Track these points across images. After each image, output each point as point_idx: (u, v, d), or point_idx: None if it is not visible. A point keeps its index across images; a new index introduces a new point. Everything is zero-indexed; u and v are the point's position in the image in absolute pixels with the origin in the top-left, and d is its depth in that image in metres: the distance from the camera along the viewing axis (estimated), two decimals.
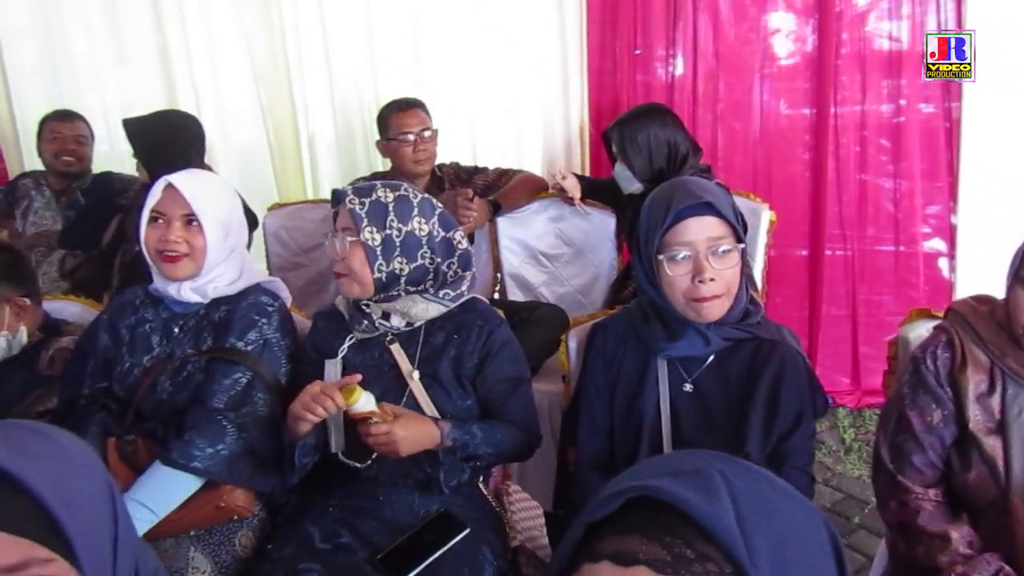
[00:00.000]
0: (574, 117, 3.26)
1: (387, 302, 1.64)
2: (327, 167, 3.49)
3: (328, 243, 1.66)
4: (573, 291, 2.96)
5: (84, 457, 0.76)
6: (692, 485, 0.59)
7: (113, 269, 2.86)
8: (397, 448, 1.47)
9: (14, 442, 0.70)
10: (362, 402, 1.47)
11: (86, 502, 0.71)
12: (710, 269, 1.46)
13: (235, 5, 3.36)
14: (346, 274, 1.61)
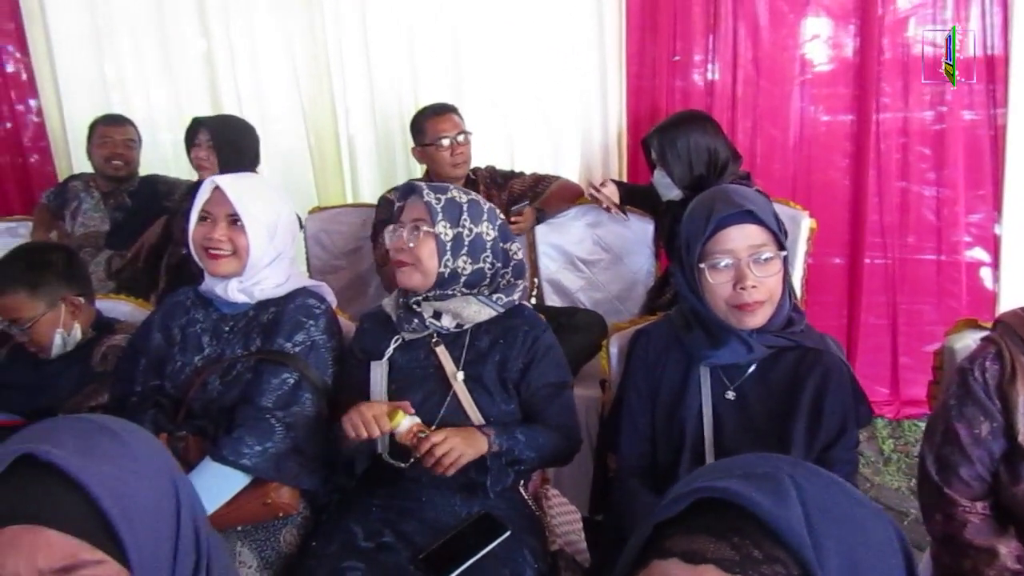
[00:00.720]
0: (612, 123, 3.27)
1: (440, 300, 1.67)
2: (366, 171, 3.52)
3: (390, 233, 1.68)
4: (610, 297, 2.96)
5: (151, 458, 0.77)
6: (762, 487, 0.60)
7: (160, 270, 2.92)
8: (462, 453, 1.50)
9: (82, 441, 0.72)
10: (405, 424, 1.51)
11: (145, 503, 0.73)
12: (752, 276, 1.46)
13: (278, 11, 3.41)
14: (411, 263, 1.64)
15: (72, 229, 3.17)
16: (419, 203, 1.64)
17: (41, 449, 0.68)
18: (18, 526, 0.66)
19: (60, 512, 0.68)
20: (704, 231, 1.48)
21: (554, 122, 3.34)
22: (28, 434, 0.73)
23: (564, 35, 3.24)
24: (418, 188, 1.66)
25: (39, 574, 0.67)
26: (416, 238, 1.62)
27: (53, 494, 0.68)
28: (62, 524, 0.68)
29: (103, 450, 0.73)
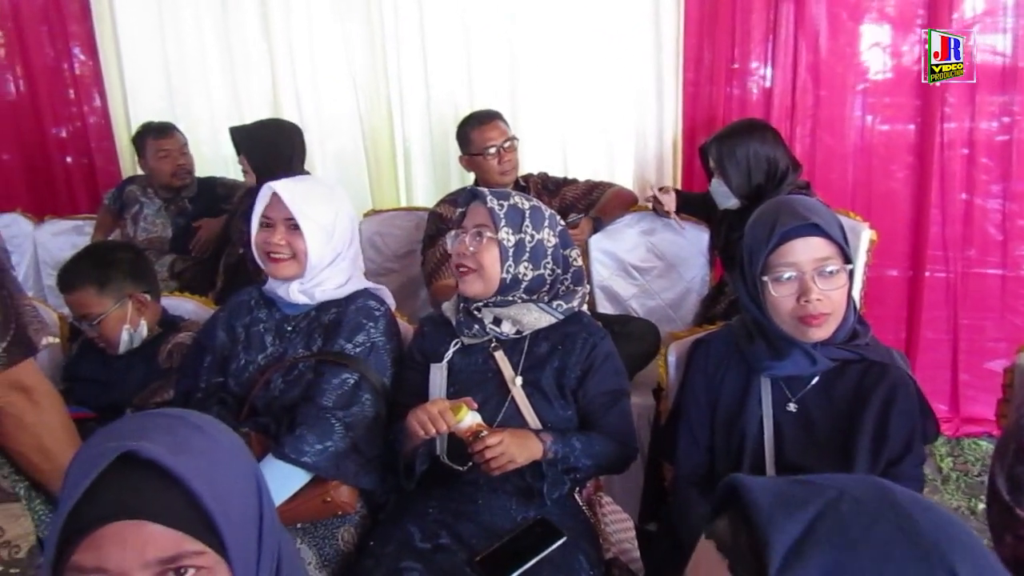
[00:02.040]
0: (667, 130, 3.25)
1: (501, 307, 1.67)
2: (421, 175, 3.56)
3: (452, 239, 1.70)
4: (663, 305, 2.94)
5: (236, 451, 0.80)
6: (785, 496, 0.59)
7: (218, 270, 2.98)
8: (513, 457, 1.50)
9: (175, 437, 0.74)
10: (468, 419, 1.51)
11: (236, 496, 0.75)
12: (816, 290, 1.45)
13: (338, 14, 3.46)
14: (474, 270, 1.65)
15: (135, 234, 3.24)
16: (482, 209, 1.65)
17: (142, 446, 0.70)
18: (123, 521, 0.69)
19: (162, 507, 0.70)
20: (768, 243, 1.46)
21: (609, 129, 3.34)
22: (119, 431, 0.75)
23: (621, 41, 3.24)
24: (481, 194, 1.67)
25: (145, 566, 0.69)
26: (479, 244, 1.63)
27: (155, 490, 0.70)
28: (165, 518, 0.70)
29: (194, 445, 0.75)
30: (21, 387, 1.15)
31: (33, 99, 3.86)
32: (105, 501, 0.69)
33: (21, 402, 1.16)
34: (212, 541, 0.72)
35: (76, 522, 0.69)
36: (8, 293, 1.11)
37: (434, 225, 2.88)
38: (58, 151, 3.91)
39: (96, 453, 0.71)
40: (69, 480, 0.72)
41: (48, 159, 3.91)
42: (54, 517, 0.69)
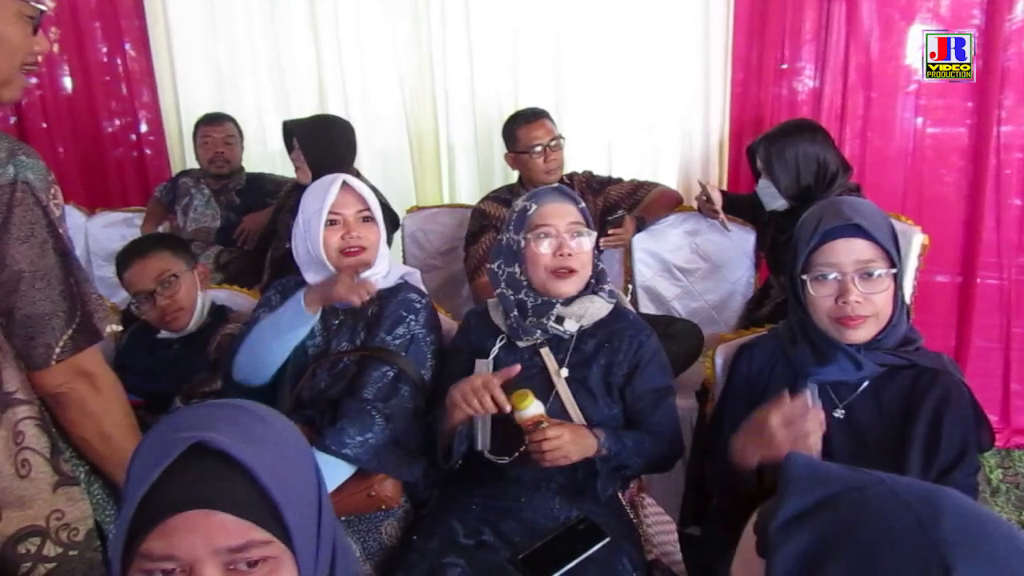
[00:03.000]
0: (714, 130, 3.21)
1: (567, 304, 1.68)
2: (464, 173, 3.57)
3: (544, 241, 1.67)
4: (707, 307, 2.92)
5: (297, 442, 0.81)
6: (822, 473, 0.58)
7: (264, 264, 3.02)
8: (568, 452, 1.49)
9: (241, 428, 0.75)
10: (533, 408, 1.50)
11: (299, 487, 0.76)
12: (856, 291, 1.43)
13: (385, 13, 3.49)
14: (577, 271, 1.66)
15: (184, 224, 3.31)
16: (573, 208, 1.67)
17: (213, 437, 0.71)
18: (195, 511, 0.70)
19: (232, 497, 0.71)
20: (810, 241, 1.46)
21: (654, 128, 3.32)
22: (185, 421, 0.76)
23: (669, 40, 3.22)
24: (567, 191, 1.69)
25: (215, 554, 0.70)
26: (581, 244, 1.65)
27: (225, 480, 0.71)
28: (234, 508, 0.71)
29: (259, 436, 0.76)
30: (85, 374, 1.17)
31: (87, 94, 3.95)
32: (176, 490, 0.71)
33: (85, 388, 1.18)
34: (278, 531, 0.73)
35: (146, 510, 0.70)
36: (75, 281, 1.14)
37: (478, 222, 2.89)
38: (110, 145, 4.00)
39: (165, 442, 0.73)
40: (136, 468, 0.74)
41: (100, 153, 4.00)
42: (124, 504, 0.70)
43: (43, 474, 1.19)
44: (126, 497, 0.73)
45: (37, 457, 1.19)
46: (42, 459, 1.19)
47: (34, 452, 1.19)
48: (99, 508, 1.28)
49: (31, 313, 1.11)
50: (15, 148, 1.10)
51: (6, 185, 1.08)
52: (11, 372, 1.14)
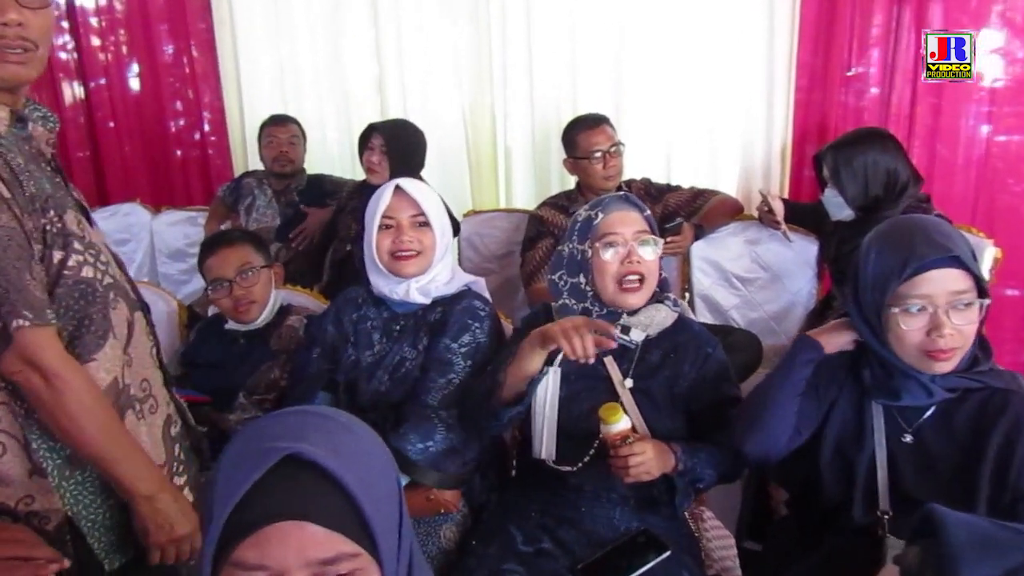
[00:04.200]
0: (776, 138, 3.17)
1: (633, 313, 1.66)
2: (521, 178, 3.57)
3: (612, 250, 1.64)
4: (766, 317, 2.87)
5: (382, 454, 0.81)
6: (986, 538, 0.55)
7: (324, 265, 3.06)
8: (651, 468, 1.47)
9: (330, 439, 0.75)
10: (623, 422, 1.48)
11: (384, 499, 0.76)
12: (949, 324, 1.35)
13: (446, 17, 3.52)
14: (647, 278, 1.65)
15: (246, 223, 3.38)
16: (638, 216, 1.66)
17: (306, 449, 0.72)
18: (288, 522, 0.71)
19: (324, 509, 0.72)
20: (901, 273, 1.37)
21: (715, 135, 3.28)
22: (273, 429, 0.77)
23: (731, 46, 3.18)
24: (633, 199, 1.68)
25: (306, 565, 0.71)
26: (649, 252, 1.64)
27: (317, 492, 0.72)
28: (326, 520, 0.71)
29: (348, 447, 0.76)
30: (36, 366, 1.18)
31: (154, 94, 4.06)
32: (270, 501, 0.71)
33: (37, 380, 1.18)
34: (366, 543, 0.73)
35: (239, 518, 0.71)
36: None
37: (535, 228, 2.89)
38: (175, 145, 4.10)
39: (256, 451, 0.73)
40: (226, 474, 0.74)
41: (166, 152, 4.10)
42: (217, 511, 0.71)
43: (18, 458, 1.23)
44: (213, 501, 0.74)
45: (12, 441, 1.23)
46: (17, 444, 1.23)
47: (9, 436, 1.23)
48: (78, 503, 1.29)
49: None
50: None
51: None
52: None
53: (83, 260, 1.27)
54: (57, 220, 1.25)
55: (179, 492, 1.37)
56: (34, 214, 1.21)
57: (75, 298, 1.25)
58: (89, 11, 3.97)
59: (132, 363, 1.36)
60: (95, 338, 1.27)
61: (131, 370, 1.35)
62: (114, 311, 1.31)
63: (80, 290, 1.26)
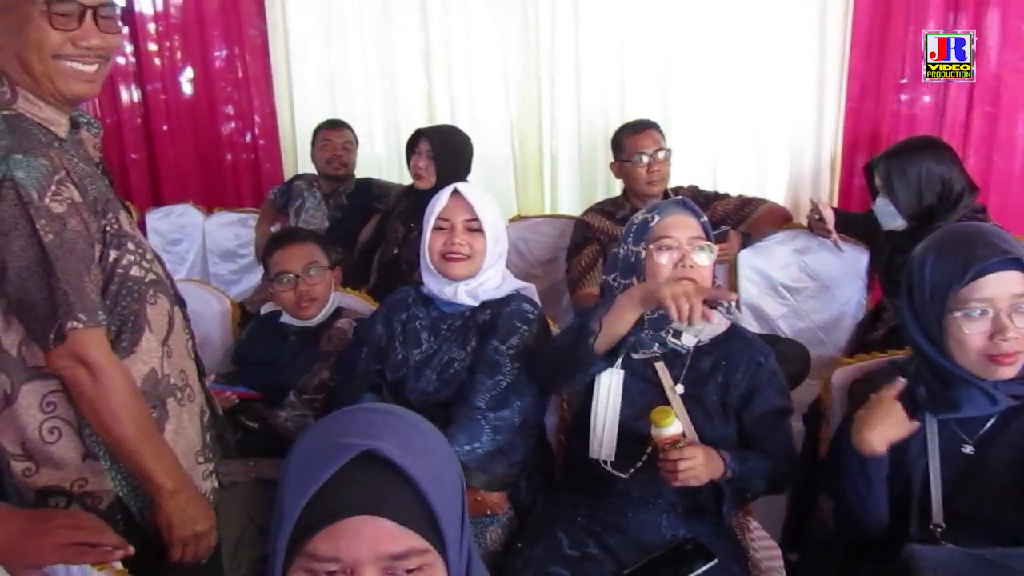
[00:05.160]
0: (826, 146, 3.13)
1: None
2: (566, 184, 3.58)
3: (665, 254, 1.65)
4: (814, 327, 2.83)
5: (447, 452, 0.84)
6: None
7: (372, 267, 3.10)
8: (699, 474, 1.48)
9: (401, 437, 0.77)
10: (675, 426, 1.49)
11: (451, 496, 0.78)
12: (1012, 327, 1.34)
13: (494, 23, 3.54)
14: (699, 284, 1.63)
15: (295, 225, 3.43)
16: (694, 222, 1.66)
17: (381, 446, 0.74)
18: (361, 516, 0.73)
19: (397, 505, 0.74)
20: (962, 277, 1.36)
21: (763, 143, 3.25)
22: (345, 426, 0.79)
23: (781, 53, 3.15)
24: (690, 204, 1.68)
25: (377, 559, 0.73)
26: (703, 259, 1.64)
27: (391, 488, 0.74)
28: (398, 516, 0.74)
29: (417, 444, 0.78)
30: (85, 362, 1.24)
31: (208, 98, 4.15)
32: (345, 495, 0.73)
33: (84, 376, 1.24)
34: (434, 539, 0.75)
35: (314, 511, 0.73)
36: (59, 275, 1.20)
37: (581, 234, 2.90)
38: (227, 148, 4.19)
39: (330, 446, 0.75)
40: (298, 468, 0.77)
41: (218, 155, 4.20)
42: (291, 503, 0.74)
43: (72, 443, 1.31)
44: (285, 494, 0.76)
45: (67, 427, 1.31)
46: (71, 429, 1.31)
47: (64, 422, 1.30)
48: (128, 484, 1.36)
49: (22, 300, 1.21)
50: (15, 147, 1.18)
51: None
52: (37, 348, 1.25)
53: (133, 260, 1.35)
54: (114, 221, 1.33)
55: (198, 490, 1.43)
56: (96, 216, 1.29)
57: (123, 295, 1.33)
58: (147, 17, 4.08)
59: (172, 354, 1.43)
60: (136, 332, 1.35)
61: (170, 361, 1.42)
62: (154, 306, 1.39)
63: (128, 288, 1.34)
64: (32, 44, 1.22)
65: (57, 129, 1.29)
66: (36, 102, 1.26)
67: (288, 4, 3.82)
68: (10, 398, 1.27)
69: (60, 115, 1.30)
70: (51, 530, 1.11)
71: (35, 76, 1.25)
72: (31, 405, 1.28)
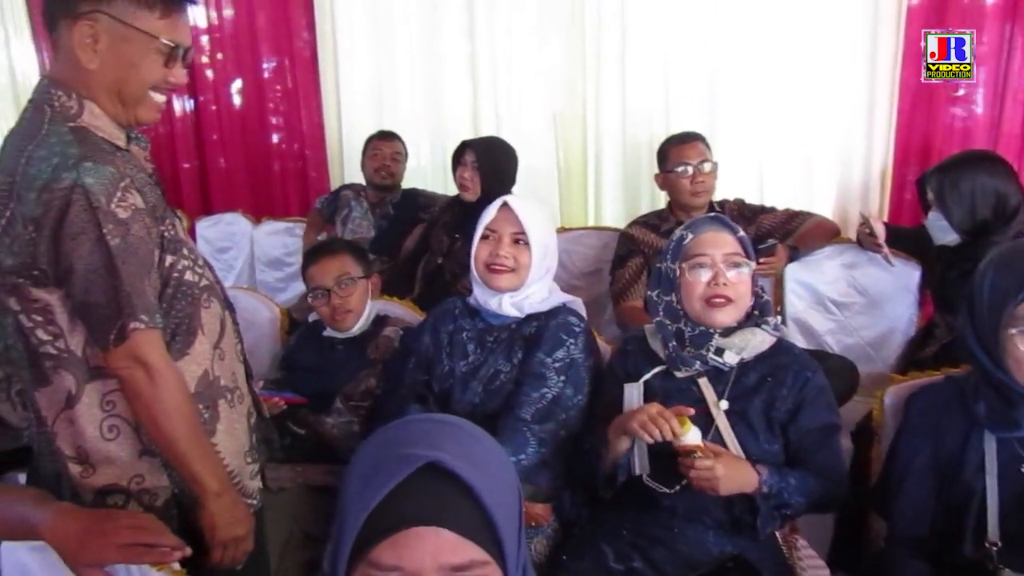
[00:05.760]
0: (876, 159, 3.08)
1: (726, 335, 1.64)
2: (610, 196, 3.58)
3: (703, 270, 1.65)
4: (863, 343, 2.78)
5: (506, 464, 0.84)
6: None
7: (416, 276, 3.13)
8: (716, 486, 1.47)
9: (463, 448, 0.78)
10: (691, 435, 1.48)
11: (510, 508, 0.79)
12: None
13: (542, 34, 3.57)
14: (733, 301, 1.63)
15: (342, 234, 3.49)
16: (729, 238, 1.65)
17: (445, 458, 0.74)
18: (424, 527, 0.73)
19: (459, 517, 0.74)
20: (1017, 294, 1.34)
21: (812, 155, 3.21)
22: (406, 436, 0.80)
23: (830, 62, 3.11)
24: (725, 220, 1.66)
25: (438, 570, 0.73)
26: (739, 275, 1.62)
27: (454, 500, 0.75)
28: (460, 528, 0.74)
29: (479, 456, 0.79)
30: (142, 363, 1.28)
31: (258, 109, 4.24)
32: (410, 506, 0.74)
33: (140, 376, 1.28)
34: (493, 551, 0.76)
35: (377, 520, 0.74)
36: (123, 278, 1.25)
37: (625, 246, 2.88)
38: (276, 158, 4.27)
39: (392, 456, 0.76)
40: (360, 476, 0.77)
41: (267, 164, 4.28)
42: (354, 512, 0.74)
43: (129, 441, 1.35)
44: (347, 502, 0.77)
45: (125, 425, 1.35)
46: (129, 428, 1.35)
47: (123, 420, 1.35)
48: (180, 479, 1.39)
49: (85, 301, 1.25)
50: (85, 156, 1.23)
51: (65, 188, 1.20)
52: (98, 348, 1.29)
53: (187, 265, 1.40)
54: (171, 227, 1.38)
55: (239, 494, 1.46)
56: (156, 222, 1.34)
57: (178, 299, 1.38)
58: (200, 30, 4.18)
59: (224, 357, 1.48)
60: (189, 335, 1.40)
61: (222, 363, 1.47)
62: (208, 310, 1.44)
63: (183, 292, 1.39)
64: (141, 76, 1.32)
65: (117, 142, 1.35)
66: (101, 117, 1.32)
67: (337, 16, 3.89)
68: (74, 398, 1.32)
69: (119, 131, 1.36)
70: (114, 530, 1.13)
71: (125, 101, 1.33)
72: (92, 404, 1.33)
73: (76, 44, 1.27)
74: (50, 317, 1.28)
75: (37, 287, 1.26)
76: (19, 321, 1.29)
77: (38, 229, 1.21)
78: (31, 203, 1.20)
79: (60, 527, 1.13)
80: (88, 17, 1.26)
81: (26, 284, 1.25)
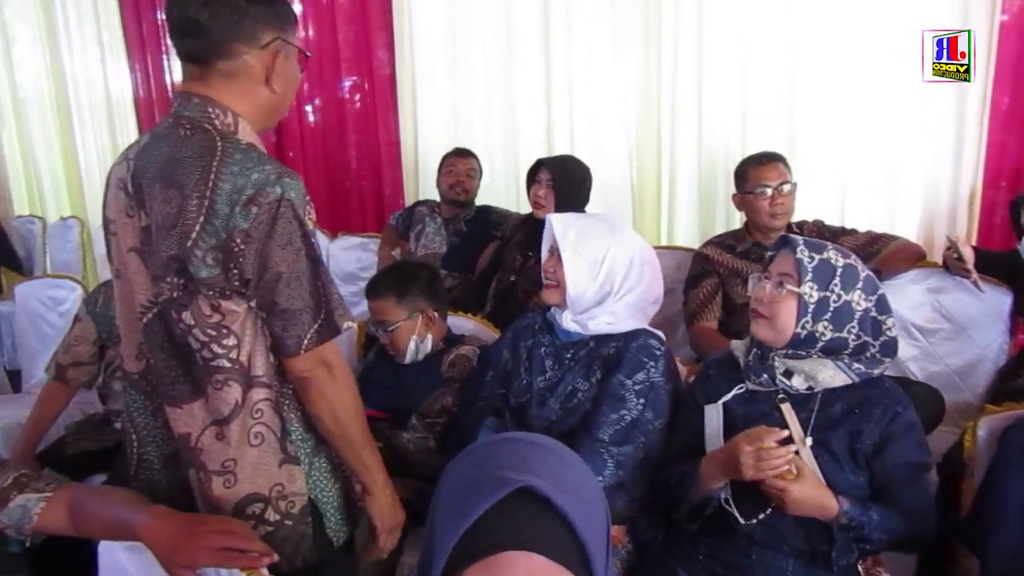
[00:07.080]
0: (965, 181, 2.98)
1: (794, 359, 1.60)
2: (684, 215, 3.55)
3: (755, 280, 1.65)
4: (948, 371, 2.68)
5: (596, 487, 0.84)
6: None
7: (488, 293, 3.15)
8: (788, 508, 1.45)
9: (554, 472, 0.78)
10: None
11: (599, 533, 0.78)
12: None
13: (618, 51, 3.57)
14: (766, 317, 1.59)
15: (415, 249, 3.55)
16: (790, 258, 1.58)
17: (539, 483, 0.75)
18: (517, 551, 0.74)
19: (551, 542, 0.74)
20: None
21: (896, 176, 3.12)
22: (498, 457, 0.80)
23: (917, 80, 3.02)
24: (792, 241, 1.59)
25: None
26: (778, 295, 1.57)
27: (546, 524, 0.74)
28: (553, 553, 0.74)
29: (570, 481, 0.79)
30: (326, 363, 1.33)
31: (338, 126, 4.36)
32: (503, 529, 0.74)
33: (324, 375, 1.34)
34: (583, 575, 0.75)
35: (469, 542, 0.74)
36: (322, 283, 1.31)
37: (700, 266, 2.85)
38: (354, 174, 4.37)
39: (484, 478, 0.76)
40: (454, 498, 0.78)
41: (344, 180, 4.38)
42: (446, 532, 0.75)
43: (272, 449, 1.38)
44: (437, 520, 0.78)
45: (269, 433, 1.38)
46: (273, 436, 1.38)
47: (268, 428, 1.38)
48: (317, 487, 1.44)
49: (287, 308, 1.29)
50: (282, 172, 1.29)
51: (274, 201, 1.25)
52: (261, 359, 1.34)
53: None
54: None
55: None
56: None
57: None
58: None
59: None
60: None
61: None
62: None
63: None
64: (295, 88, 1.45)
65: None
66: (252, 134, 1.38)
67: (416, 36, 3.98)
68: (237, 409, 1.35)
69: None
70: (205, 534, 1.17)
71: (280, 115, 1.45)
72: (247, 414, 1.37)
73: (265, 71, 1.35)
74: (227, 330, 1.31)
75: (226, 298, 1.29)
76: (187, 339, 1.32)
77: (247, 240, 1.25)
78: (237, 216, 1.24)
79: (157, 528, 1.18)
80: (275, 46, 1.35)
81: (215, 296, 1.29)
